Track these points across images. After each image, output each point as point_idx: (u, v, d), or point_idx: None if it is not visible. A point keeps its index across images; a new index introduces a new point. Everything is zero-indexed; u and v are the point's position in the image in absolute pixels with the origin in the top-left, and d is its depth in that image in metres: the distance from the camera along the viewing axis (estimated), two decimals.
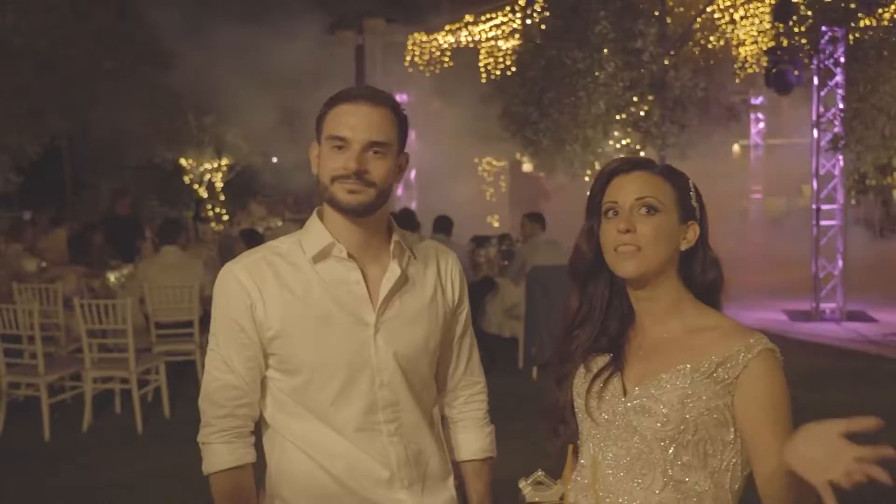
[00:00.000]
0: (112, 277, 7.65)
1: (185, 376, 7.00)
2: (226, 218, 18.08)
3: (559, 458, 1.87)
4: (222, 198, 19.19)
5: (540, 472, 1.52)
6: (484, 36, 13.38)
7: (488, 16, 12.98)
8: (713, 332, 1.64)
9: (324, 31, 10.38)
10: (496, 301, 8.02)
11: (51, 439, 5.82)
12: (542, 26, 10.04)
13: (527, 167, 17.32)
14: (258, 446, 1.90)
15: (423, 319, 1.87)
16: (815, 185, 9.61)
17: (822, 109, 9.27)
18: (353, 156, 1.75)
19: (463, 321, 1.99)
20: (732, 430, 1.60)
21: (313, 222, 1.87)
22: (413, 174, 15.30)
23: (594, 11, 9.42)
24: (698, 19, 10.52)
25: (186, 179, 19.12)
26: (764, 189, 17.59)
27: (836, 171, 9.50)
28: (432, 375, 1.93)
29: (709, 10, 10.56)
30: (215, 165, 18.95)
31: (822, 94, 9.19)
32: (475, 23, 13.36)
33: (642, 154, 10.56)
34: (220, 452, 1.81)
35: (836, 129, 9.22)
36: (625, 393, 1.66)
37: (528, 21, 10.52)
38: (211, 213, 18.21)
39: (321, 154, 1.81)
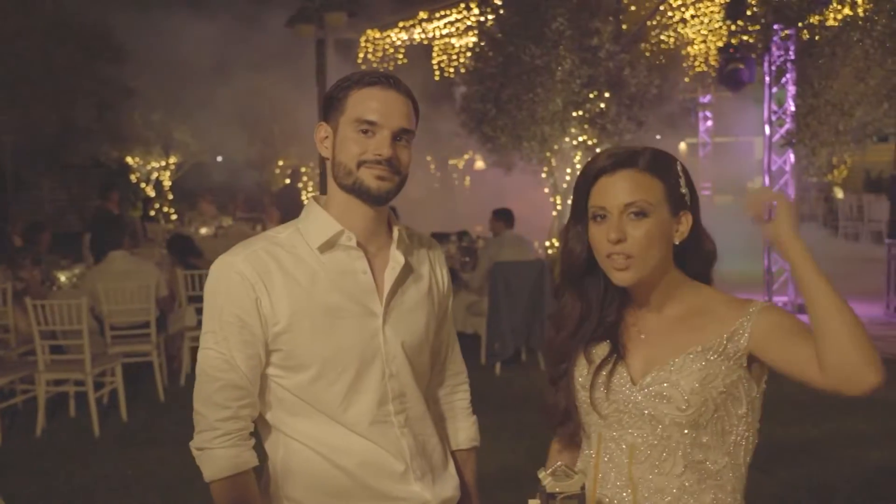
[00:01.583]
0: (63, 277, 7.43)
1: (142, 378, 6.85)
2: (174, 217, 17.74)
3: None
4: (171, 197, 18.84)
5: (560, 463, 1.49)
6: (438, 33, 13.38)
7: (442, 13, 12.97)
8: (714, 310, 1.64)
9: (282, 26, 10.22)
10: (457, 298, 8.00)
11: (3, 445, 5.62)
12: (500, 23, 10.04)
13: (479, 164, 17.37)
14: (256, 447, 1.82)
15: (423, 308, 1.85)
16: (766, 180, 9.80)
17: (774, 107, 9.45)
18: (385, 142, 1.71)
19: (449, 310, 1.98)
20: (745, 403, 1.62)
21: (314, 210, 1.80)
22: None
23: (551, 8, 9.45)
24: (650, 21, 10.65)
25: (133, 178, 18.73)
26: (713, 186, 17.93)
27: (787, 168, 9.71)
28: (429, 364, 1.91)
29: (661, 8, 10.69)
30: (163, 164, 18.60)
31: (774, 90, 9.37)
32: (429, 20, 13.34)
33: (598, 151, 10.65)
34: (223, 457, 1.72)
35: (788, 126, 9.41)
36: (633, 381, 1.64)
37: (486, 17, 10.51)
38: (159, 213, 17.85)
39: (342, 136, 1.74)
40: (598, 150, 10.65)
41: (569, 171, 10.82)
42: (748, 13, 9.22)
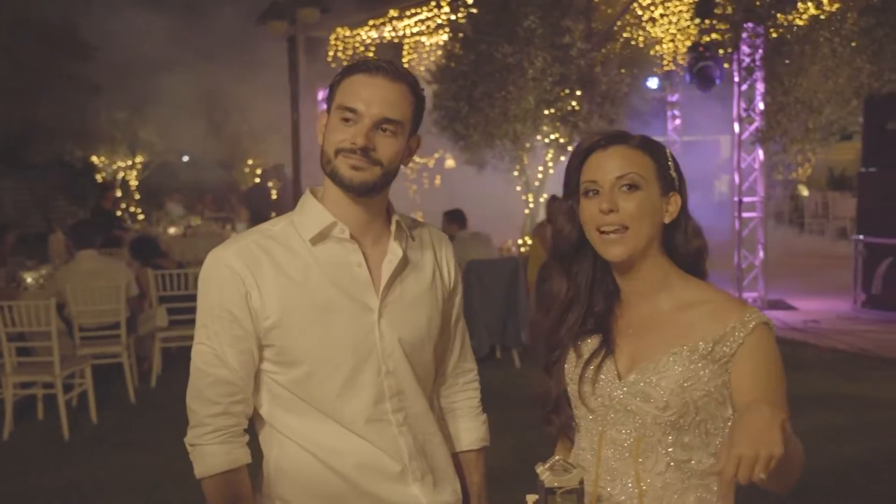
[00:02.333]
0: (29, 278, 7.27)
1: (112, 379, 6.74)
2: (141, 217, 17.52)
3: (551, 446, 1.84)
4: (137, 196, 18.61)
5: (558, 457, 1.48)
6: (408, 31, 13.32)
7: (413, 11, 12.91)
8: (705, 307, 1.61)
9: (252, 24, 10.14)
10: None
11: None
12: (472, 21, 10.03)
13: (450, 163, 17.34)
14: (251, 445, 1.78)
15: (424, 303, 1.79)
16: (736, 178, 9.90)
17: (743, 105, 9.56)
18: (361, 130, 1.65)
19: (457, 305, 1.92)
20: (731, 406, 1.58)
21: (308, 202, 1.76)
22: None
23: (522, 7, 9.46)
24: (620, 21, 10.72)
25: (98, 178, 18.47)
26: None
27: (756, 165, 9.82)
28: (433, 362, 1.84)
29: (632, 6, 10.75)
30: (129, 163, 18.36)
31: (744, 88, 9.47)
32: (399, 18, 13.28)
33: (570, 149, 10.70)
34: (214, 454, 1.68)
35: (757, 124, 9.52)
36: (619, 377, 1.62)
37: (457, 15, 10.50)
38: (125, 213, 17.61)
39: (329, 124, 1.70)
40: (569, 149, 10.73)
41: (540, 168, 10.84)
42: (717, 12, 9.31)
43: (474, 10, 10.02)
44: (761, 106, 9.40)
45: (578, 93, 9.86)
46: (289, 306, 1.67)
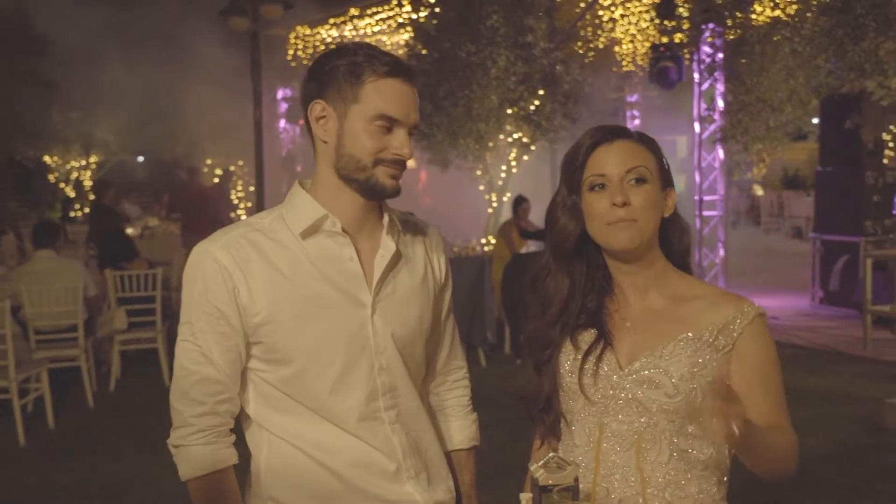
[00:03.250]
0: None
1: (70, 384, 6.57)
2: None
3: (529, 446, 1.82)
4: (92, 197, 18.23)
5: (552, 455, 1.45)
6: (369, 30, 13.24)
7: (374, 10, 12.84)
8: (702, 301, 1.63)
9: (210, 20, 9.98)
10: None
11: None
12: (434, 21, 10.00)
13: (410, 163, 17.29)
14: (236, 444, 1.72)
15: (416, 298, 1.75)
16: (697, 177, 10.02)
17: (703, 104, 9.67)
18: (406, 141, 1.62)
19: (448, 301, 1.88)
20: None
21: (298, 195, 1.69)
22: (299, 168, 15.01)
23: (486, 5, 9.46)
24: (580, 22, 10.78)
25: (51, 178, 18.06)
26: None
27: (717, 164, 9.94)
28: (424, 358, 1.80)
29: (594, 7, 10.82)
30: (83, 163, 17.98)
31: (704, 88, 9.58)
32: (360, 16, 13.20)
33: (533, 148, 10.73)
34: (200, 455, 1.61)
35: (716, 123, 9.64)
36: (620, 367, 1.61)
37: (419, 14, 10.46)
38: (80, 214, 17.24)
39: (354, 127, 1.62)
40: (532, 148, 10.77)
41: (504, 168, 10.85)
42: (677, 12, 9.40)
43: (437, 9, 9.99)
44: (721, 106, 9.52)
45: (541, 92, 9.89)
46: (279, 302, 1.62)
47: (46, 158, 17.56)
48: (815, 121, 10.59)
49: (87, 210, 17.52)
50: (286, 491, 1.67)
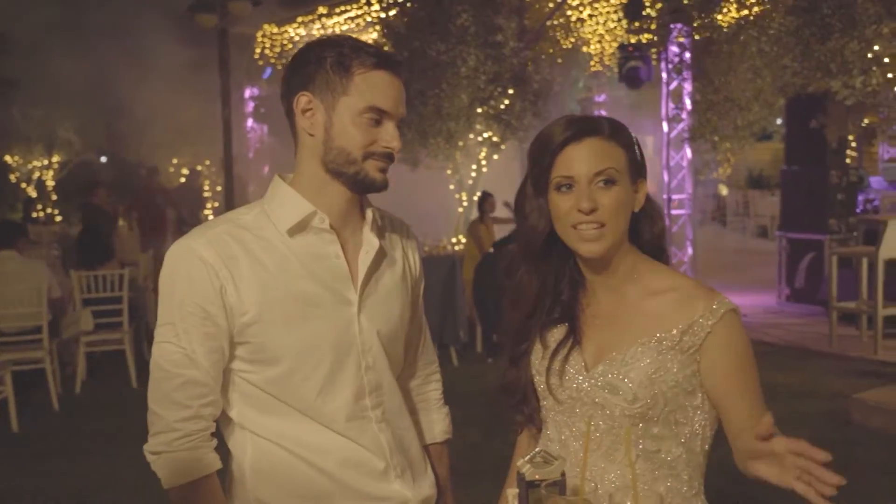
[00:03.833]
0: None
1: (34, 386, 6.43)
2: (59, 219, 16.88)
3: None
4: (54, 197, 17.93)
5: (538, 450, 1.43)
6: (338, 29, 13.16)
7: (342, 8, 12.77)
8: (672, 295, 1.57)
9: (176, 18, 9.86)
10: None
11: None
12: (404, 19, 9.97)
13: None
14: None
15: (398, 295, 1.72)
16: (665, 176, 10.09)
17: (671, 104, 9.75)
18: (396, 133, 1.60)
19: (421, 296, 1.86)
20: (700, 394, 1.57)
21: (281, 189, 1.65)
22: (266, 169, 14.89)
23: (455, 4, 9.45)
24: (549, 22, 10.81)
25: (12, 178, 17.74)
26: None
27: (685, 164, 10.03)
28: (403, 355, 1.78)
29: (562, 6, 10.86)
30: (46, 162, 17.68)
31: (671, 87, 9.66)
32: (329, 15, 13.12)
33: (503, 147, 10.74)
34: (185, 461, 1.55)
35: (684, 122, 9.72)
36: (586, 368, 1.59)
37: (388, 14, 10.42)
38: (42, 214, 16.94)
39: (342, 120, 1.58)
40: (502, 147, 10.78)
41: (474, 167, 10.85)
42: (645, 12, 9.46)
43: (408, 5, 9.96)
44: (689, 105, 9.61)
45: (511, 91, 9.90)
46: (268, 301, 1.57)
47: (7, 158, 17.25)
48: (780, 121, 10.74)
49: (49, 211, 17.25)
50: (274, 492, 1.63)
